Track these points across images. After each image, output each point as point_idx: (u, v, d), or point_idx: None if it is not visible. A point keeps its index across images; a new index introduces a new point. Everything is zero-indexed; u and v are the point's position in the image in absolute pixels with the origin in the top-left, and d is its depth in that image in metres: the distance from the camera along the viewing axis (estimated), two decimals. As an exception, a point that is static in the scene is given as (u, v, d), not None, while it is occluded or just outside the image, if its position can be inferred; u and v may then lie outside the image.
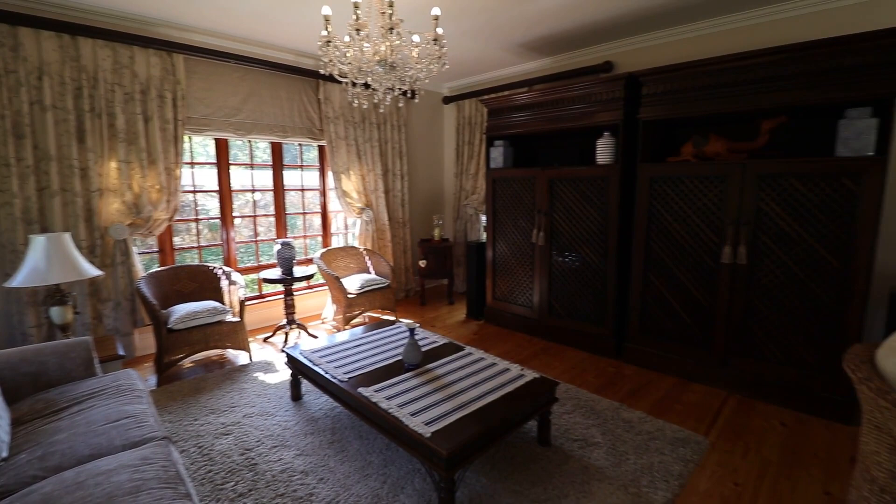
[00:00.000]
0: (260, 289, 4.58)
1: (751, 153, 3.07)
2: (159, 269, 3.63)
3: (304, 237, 4.94)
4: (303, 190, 4.86)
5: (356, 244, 4.98)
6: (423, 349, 2.78)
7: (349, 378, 2.43)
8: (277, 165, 4.55)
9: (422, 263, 5.08)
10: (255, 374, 3.32)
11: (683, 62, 3.09)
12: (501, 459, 2.28)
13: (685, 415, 2.72)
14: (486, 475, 2.16)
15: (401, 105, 3.53)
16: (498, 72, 5.10)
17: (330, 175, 4.77)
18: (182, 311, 3.26)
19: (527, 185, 4.07)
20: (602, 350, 3.66)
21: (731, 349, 3.02)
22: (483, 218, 5.39)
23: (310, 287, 4.91)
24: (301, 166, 4.82)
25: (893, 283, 2.96)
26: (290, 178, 4.78)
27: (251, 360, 3.58)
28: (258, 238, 4.61)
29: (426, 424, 1.93)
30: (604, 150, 3.59)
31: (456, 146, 5.61)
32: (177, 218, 3.78)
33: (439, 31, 2.64)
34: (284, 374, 3.29)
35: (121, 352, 2.96)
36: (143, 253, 3.83)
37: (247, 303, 4.14)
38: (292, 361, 2.84)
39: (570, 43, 4.18)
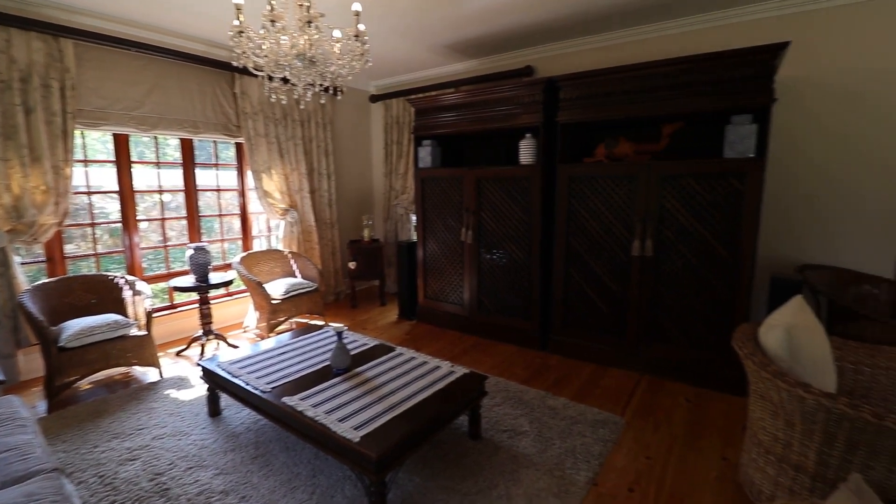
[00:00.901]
0: (171, 298, 4.22)
1: (654, 155, 3.35)
2: (47, 280, 3.22)
3: (222, 241, 4.63)
4: (219, 190, 4.54)
5: (280, 247, 4.75)
6: (353, 352, 2.72)
7: (273, 388, 2.31)
8: (189, 164, 4.21)
9: (351, 265, 4.96)
10: (167, 392, 3.05)
11: (596, 69, 3.31)
12: (434, 457, 2.29)
13: (604, 398, 2.91)
14: (418, 474, 2.16)
15: (323, 102, 3.42)
16: (425, 72, 5.12)
17: (250, 174, 4.51)
18: (76, 327, 2.91)
19: (455, 185, 4.13)
20: (529, 343, 3.81)
21: (642, 335, 3.28)
22: (413, 217, 5.39)
23: (229, 294, 4.60)
24: (216, 165, 4.50)
25: (773, 270, 3.38)
26: (205, 177, 4.45)
27: (162, 376, 3.29)
28: (168, 243, 4.23)
29: (355, 429, 1.88)
30: (526, 151, 3.73)
31: (385, 145, 5.55)
32: (68, 222, 3.37)
33: (361, 27, 2.60)
34: (201, 388, 3.05)
35: (0, 377, 2.57)
36: (27, 263, 3.36)
37: (155, 314, 3.79)
38: (209, 375, 2.64)
39: (495, 47, 4.31)
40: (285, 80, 2.80)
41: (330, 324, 4.00)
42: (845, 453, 1.60)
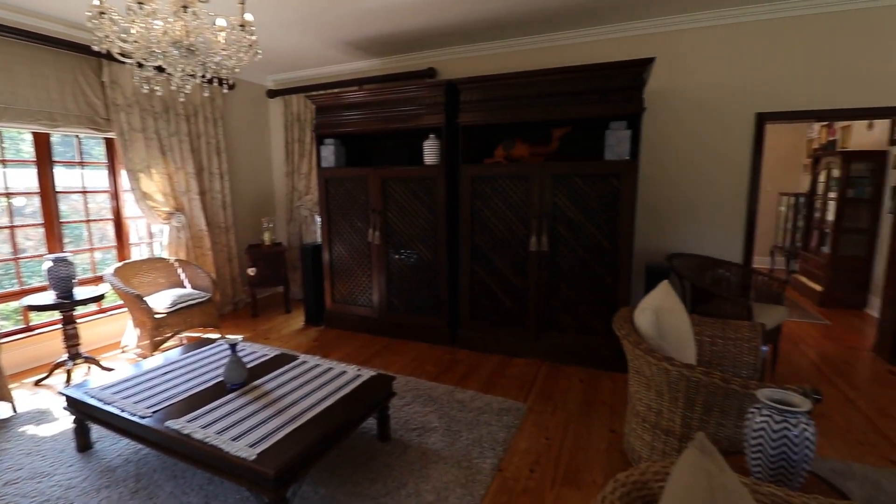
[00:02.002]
0: (26, 319, 3.60)
1: (547, 157, 3.59)
2: None
3: (91, 250, 4.05)
4: (86, 192, 3.97)
5: (165, 255, 4.28)
6: (251, 365, 2.54)
7: (155, 412, 2.07)
8: (45, 162, 3.62)
9: (251, 271, 4.64)
10: (22, 429, 2.60)
11: (495, 74, 3.46)
12: (341, 464, 2.23)
13: (508, 387, 3.06)
14: (324, 484, 2.08)
15: (207, 94, 3.15)
16: (327, 68, 4.96)
17: (125, 174, 4.00)
18: None
19: (360, 185, 4.05)
20: (439, 340, 3.88)
21: (541, 324, 3.51)
22: (318, 219, 5.19)
23: (103, 311, 4.05)
24: (82, 163, 3.93)
25: (648, 259, 3.81)
26: (68, 177, 3.86)
27: (15, 411, 2.79)
28: (20, 255, 3.60)
29: (251, 446, 1.76)
30: (430, 152, 3.78)
31: (285, 143, 5.27)
32: None
33: (248, 17, 2.44)
34: (66, 421, 2.65)
35: None
36: None
37: (4, 339, 3.21)
38: (75, 404, 2.30)
39: (399, 46, 4.31)
40: (161, 69, 2.53)
41: (228, 336, 3.70)
42: (703, 415, 1.86)
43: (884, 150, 4.76)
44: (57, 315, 3.61)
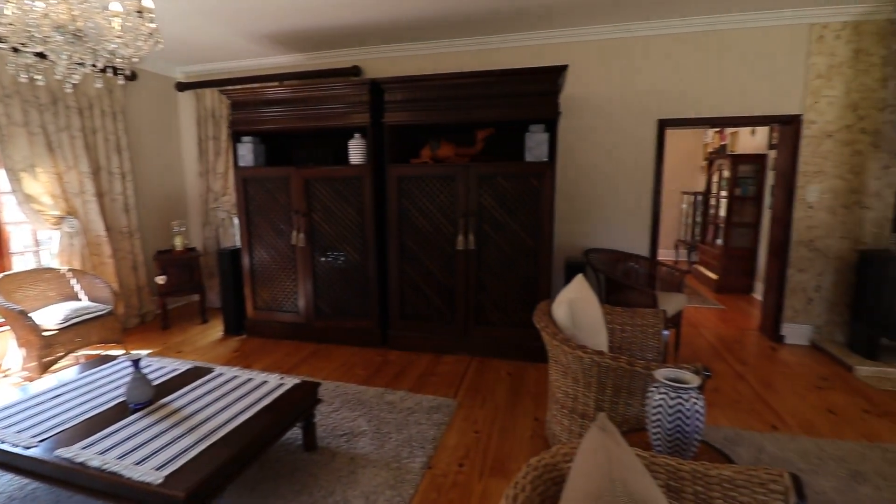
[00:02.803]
0: None
1: (472, 157, 3.68)
2: None
3: (-39, 261, 3.51)
4: (-50, 195, 3.43)
5: (55, 264, 3.82)
6: (158, 381, 2.34)
7: (42, 440, 1.84)
8: None
9: (160, 280, 4.27)
10: None
11: (420, 75, 3.48)
12: (264, 478, 2.12)
13: (439, 384, 3.10)
14: (245, 500, 1.97)
15: (99, 85, 2.87)
16: (245, 62, 4.70)
17: (3, 174, 3.51)
18: None
19: (282, 185, 3.88)
20: (370, 342, 3.83)
21: (470, 320, 3.59)
22: (237, 221, 4.90)
23: (-22, 330, 3.52)
24: (-57, 161, 3.39)
25: (567, 255, 4.04)
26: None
27: None
28: None
29: (157, 469, 1.62)
30: (356, 151, 3.72)
31: (198, 141, 4.92)
32: None
33: (147, 3, 2.24)
34: (-72, 461, 2.26)
35: None
36: None
37: None
38: (-64, 440, 1.97)
39: (321, 43, 4.18)
40: (42, 56, 2.25)
41: (134, 352, 3.38)
42: (613, 397, 2.00)
43: (764, 154, 5.44)
44: (-87, 339, 3.09)
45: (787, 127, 3.76)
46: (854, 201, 3.66)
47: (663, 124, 3.86)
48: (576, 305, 2.16)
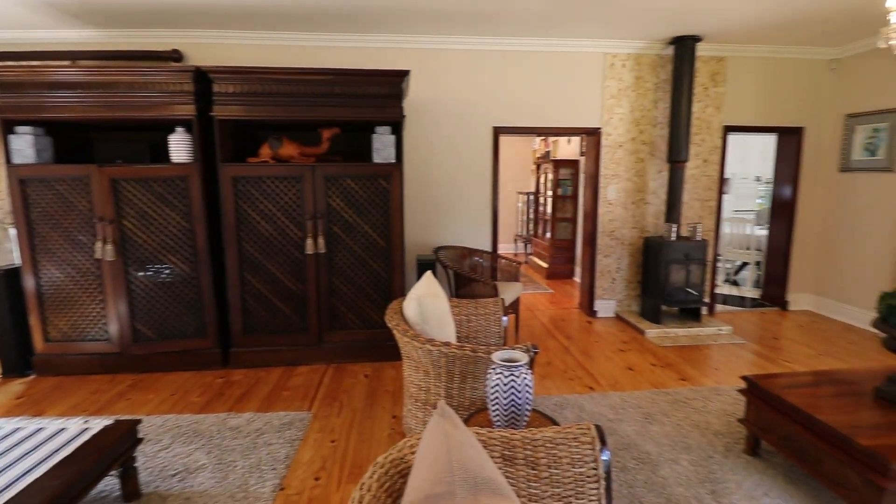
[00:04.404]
0: None
1: (318, 157, 3.54)
2: None
3: None
4: None
5: None
6: None
7: None
8: None
9: None
10: None
11: (256, 67, 3.22)
12: (64, 548, 1.72)
13: (292, 398, 2.91)
14: (35, 583, 1.57)
15: None
16: (22, 33, 3.74)
17: None
18: None
19: (80, 187, 3.19)
20: (208, 364, 3.40)
21: (324, 327, 3.46)
22: (15, 233, 3.87)
23: None
24: None
25: (419, 253, 4.18)
26: None
27: None
28: None
29: None
30: (179, 147, 3.26)
31: (-57, 131, 3.73)
32: None
33: None
34: None
35: None
36: None
37: None
38: None
39: (130, 19, 3.56)
40: None
41: None
42: (461, 384, 2.14)
43: (578, 159, 6.40)
44: None
45: (591, 137, 4.50)
46: (640, 198, 4.55)
47: (497, 131, 4.26)
48: (425, 301, 2.24)
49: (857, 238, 4.39)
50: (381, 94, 3.32)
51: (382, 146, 3.44)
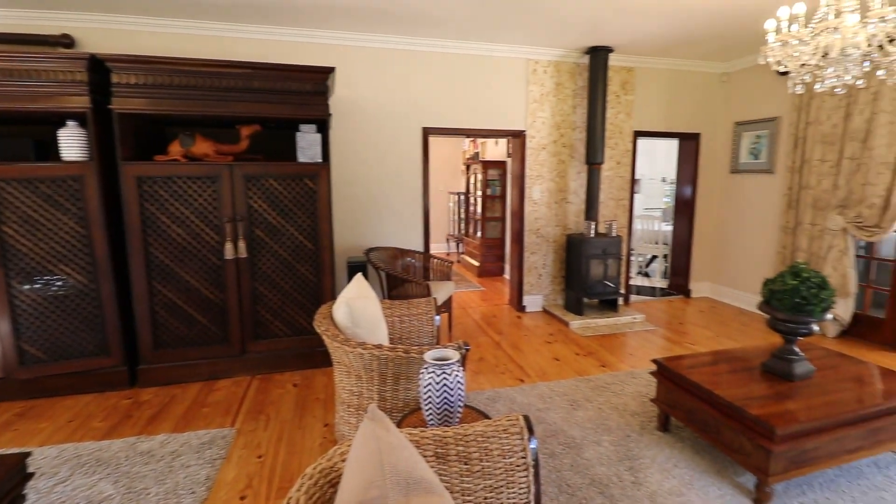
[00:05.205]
0: None
1: (236, 156, 3.33)
2: None
3: None
4: None
5: None
6: None
7: None
8: None
9: None
10: None
11: (163, 57, 2.96)
12: None
13: (212, 415, 2.71)
14: None
15: None
16: None
17: None
18: None
19: (-60, 189, 2.74)
20: (112, 384, 3.07)
21: (248, 337, 3.26)
22: None
23: None
24: None
25: (350, 255, 4.08)
26: None
27: None
28: None
29: None
30: (71, 144, 2.91)
31: None
32: None
33: None
34: None
35: None
36: None
37: None
38: None
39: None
40: None
41: None
42: (394, 386, 2.12)
43: (505, 160, 6.61)
44: None
45: (517, 140, 4.67)
46: (562, 198, 4.81)
47: (427, 132, 4.28)
48: (355, 304, 2.19)
49: (745, 231, 4.98)
50: (305, 90, 3.20)
51: (308, 145, 3.32)
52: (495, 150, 7.03)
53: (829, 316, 2.25)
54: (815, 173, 4.09)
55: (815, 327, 2.29)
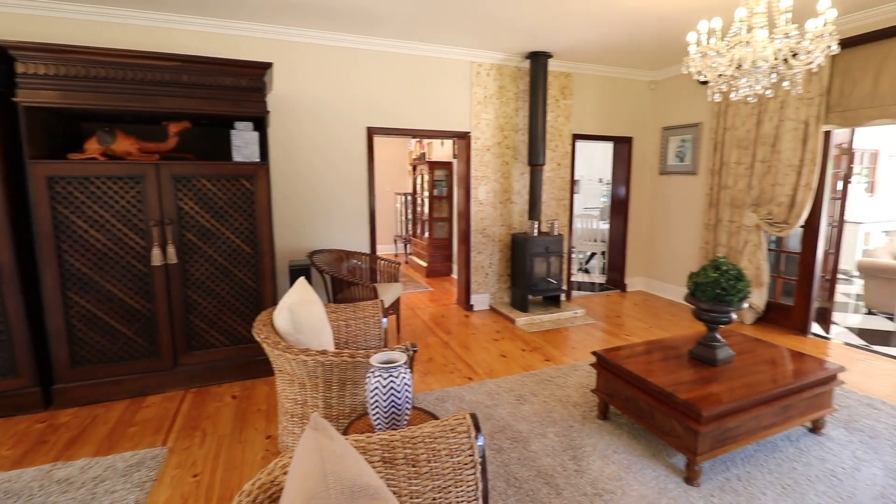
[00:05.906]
0: None
1: (163, 154, 3.10)
2: None
3: None
4: None
5: None
6: None
7: None
8: None
9: None
10: None
11: (77, 45, 2.70)
12: None
13: (141, 435, 2.51)
14: None
15: None
16: None
17: None
18: None
19: None
20: (23, 407, 2.75)
21: (180, 348, 3.05)
22: None
23: None
24: None
25: (291, 259, 3.94)
26: None
27: None
28: None
29: None
30: (-37, 140, 2.58)
31: None
32: None
33: None
34: None
35: None
36: None
37: None
38: None
39: None
40: None
41: None
42: (340, 392, 2.06)
43: (451, 161, 6.66)
44: None
45: (462, 141, 4.72)
46: (507, 198, 4.92)
47: (371, 131, 4.22)
48: (297, 309, 2.12)
49: (673, 229, 5.35)
50: (240, 86, 3.05)
51: (244, 143, 3.16)
52: (441, 150, 7.07)
53: (745, 305, 2.46)
54: (732, 175, 4.47)
55: (734, 315, 2.50)
